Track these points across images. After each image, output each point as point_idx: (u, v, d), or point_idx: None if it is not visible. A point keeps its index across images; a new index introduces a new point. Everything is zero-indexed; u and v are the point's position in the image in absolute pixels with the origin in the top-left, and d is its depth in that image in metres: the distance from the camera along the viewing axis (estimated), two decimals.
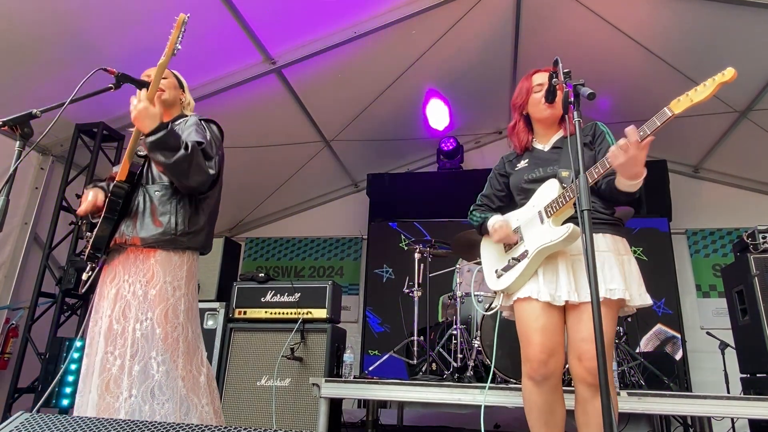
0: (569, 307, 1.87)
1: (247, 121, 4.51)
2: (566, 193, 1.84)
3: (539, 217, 1.93)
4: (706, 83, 1.55)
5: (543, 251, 1.86)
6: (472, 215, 2.22)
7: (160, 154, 1.80)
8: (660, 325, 4.90)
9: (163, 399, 1.74)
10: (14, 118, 1.58)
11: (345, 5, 3.82)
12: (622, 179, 1.72)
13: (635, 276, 1.85)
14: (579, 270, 1.85)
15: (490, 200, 2.22)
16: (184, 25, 1.85)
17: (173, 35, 1.84)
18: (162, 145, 1.79)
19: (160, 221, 1.89)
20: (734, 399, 2.60)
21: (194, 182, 1.89)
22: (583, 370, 1.77)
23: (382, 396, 3.02)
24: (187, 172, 1.85)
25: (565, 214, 1.88)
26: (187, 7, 3.31)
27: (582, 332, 1.79)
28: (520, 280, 1.93)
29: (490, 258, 2.13)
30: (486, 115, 5.81)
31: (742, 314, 3.40)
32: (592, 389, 1.75)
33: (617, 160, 1.64)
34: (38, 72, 3.47)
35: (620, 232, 1.94)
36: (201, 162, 1.89)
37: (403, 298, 5.31)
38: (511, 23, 4.47)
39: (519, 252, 1.95)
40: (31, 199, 4.08)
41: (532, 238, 1.92)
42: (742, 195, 5.49)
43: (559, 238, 1.81)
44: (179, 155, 1.81)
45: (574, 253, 1.88)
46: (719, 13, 3.70)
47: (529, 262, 1.89)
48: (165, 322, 1.82)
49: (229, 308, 3.70)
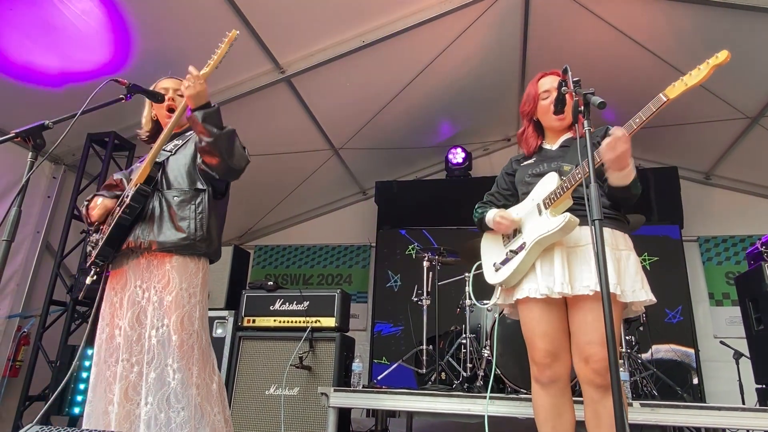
0: (570, 304, 1.85)
1: (256, 129, 4.54)
2: (564, 183, 1.83)
3: (537, 209, 1.92)
4: (700, 67, 1.56)
5: (540, 242, 1.85)
6: (475, 211, 2.22)
7: (210, 125, 1.87)
8: (672, 346, 4.82)
9: (178, 407, 1.74)
10: (27, 129, 1.59)
11: (353, 14, 3.84)
12: (612, 174, 1.74)
13: (631, 272, 1.81)
14: (574, 262, 1.83)
15: (495, 198, 2.22)
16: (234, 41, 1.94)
17: (222, 50, 1.93)
18: (211, 119, 1.87)
19: (180, 226, 1.90)
20: (750, 410, 2.55)
21: (236, 163, 1.95)
22: (590, 371, 1.74)
23: (391, 406, 3.00)
24: (231, 150, 1.92)
25: (563, 205, 1.86)
26: (198, 16, 3.37)
27: (588, 335, 1.76)
28: (517, 273, 1.92)
29: (489, 253, 2.13)
30: (494, 122, 5.80)
31: (757, 323, 3.34)
32: (601, 390, 1.73)
33: (606, 155, 1.67)
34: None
35: (622, 227, 1.92)
36: (239, 146, 1.98)
37: (411, 306, 5.29)
38: (519, 31, 4.47)
39: (517, 244, 1.94)
40: (43, 208, 4.13)
41: (529, 230, 1.92)
42: (754, 201, 5.42)
43: (555, 227, 1.79)
44: (226, 130, 1.90)
45: (571, 244, 1.86)
46: (730, 18, 3.68)
47: (526, 254, 1.88)
48: (181, 329, 1.82)
49: (238, 316, 3.70)
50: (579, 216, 1.81)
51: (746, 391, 3.96)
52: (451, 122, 5.60)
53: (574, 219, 1.78)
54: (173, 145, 2.10)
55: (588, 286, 1.76)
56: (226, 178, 2.01)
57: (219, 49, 1.92)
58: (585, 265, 1.81)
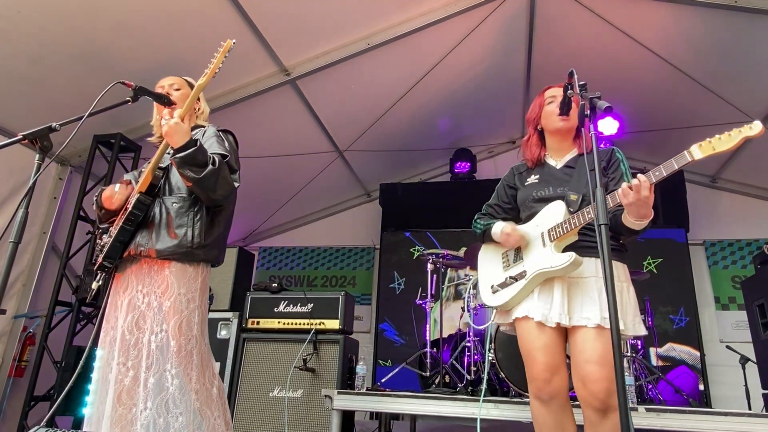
0: (569, 334, 1.85)
1: (261, 131, 4.55)
2: (572, 220, 1.82)
3: (541, 239, 1.91)
4: (731, 133, 1.52)
5: (542, 274, 1.85)
6: (475, 223, 2.20)
7: (189, 169, 1.83)
8: (671, 344, 4.79)
9: (177, 412, 1.75)
10: (34, 132, 1.60)
11: (358, 17, 3.85)
12: (629, 218, 1.71)
13: (632, 305, 1.83)
14: (574, 294, 1.83)
15: (495, 210, 2.20)
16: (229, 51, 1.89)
17: (218, 59, 1.89)
18: (191, 160, 1.83)
19: (176, 233, 1.90)
20: (758, 416, 2.52)
21: (220, 196, 1.93)
22: (587, 394, 1.73)
23: (395, 409, 2.99)
24: (214, 187, 1.89)
25: (567, 240, 1.87)
26: (203, 18, 3.38)
27: (586, 353, 1.75)
28: (515, 300, 1.93)
29: (487, 270, 2.12)
30: (499, 125, 5.80)
31: (764, 328, 3.32)
32: (599, 413, 1.72)
33: (627, 198, 1.63)
34: (59, 84, 3.53)
35: (622, 258, 1.92)
36: (227, 175, 1.94)
37: (415, 309, 5.30)
38: (524, 33, 4.46)
39: (517, 271, 1.95)
40: (49, 209, 4.15)
41: (532, 260, 1.91)
42: (761, 205, 5.39)
43: (560, 265, 1.80)
44: (207, 171, 1.84)
45: (573, 276, 1.86)
46: (738, 22, 3.66)
47: (526, 284, 1.89)
48: (179, 334, 1.83)
49: (243, 318, 3.70)
50: (584, 248, 1.83)
51: (753, 396, 3.93)
52: (456, 125, 5.59)
53: (579, 259, 1.79)
54: None
55: (588, 318, 1.76)
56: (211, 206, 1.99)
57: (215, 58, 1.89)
58: (587, 297, 1.81)
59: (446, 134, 5.70)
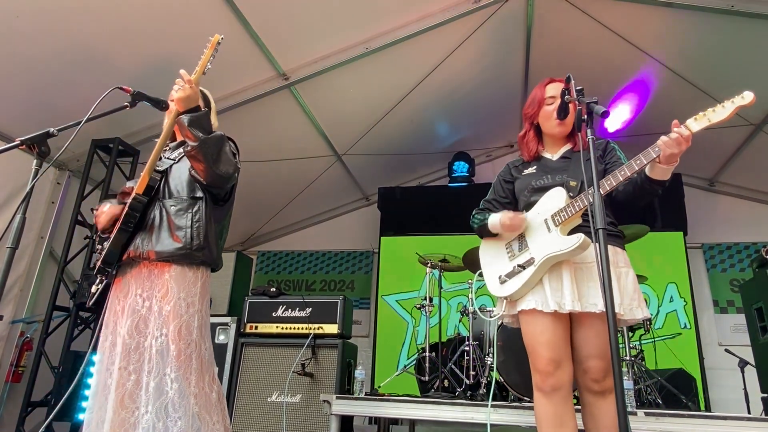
0: (574, 318, 1.87)
1: (259, 135, 4.55)
2: (575, 203, 1.84)
3: (546, 225, 1.92)
4: (724, 104, 1.55)
5: (551, 259, 1.85)
6: (473, 218, 2.20)
7: (196, 129, 1.87)
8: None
9: (176, 416, 1.74)
10: (32, 137, 1.60)
11: (357, 22, 3.86)
12: (661, 166, 1.73)
13: (630, 290, 1.84)
14: (581, 279, 1.85)
15: (492, 206, 2.21)
16: (218, 45, 1.92)
17: (206, 54, 1.91)
18: (198, 123, 1.87)
19: (177, 236, 1.90)
20: (756, 420, 2.52)
21: (222, 170, 1.93)
22: (589, 380, 1.83)
23: (394, 414, 2.99)
24: (217, 156, 1.91)
25: (572, 224, 1.88)
26: (201, 23, 3.39)
27: (589, 348, 1.82)
28: (525, 287, 1.92)
29: (492, 262, 2.11)
30: (497, 128, 5.81)
31: (762, 332, 3.32)
32: (598, 395, 1.81)
33: (671, 149, 1.66)
34: (57, 89, 3.54)
35: (621, 243, 1.94)
36: (229, 152, 1.97)
37: (414, 313, 5.28)
38: (522, 38, 4.48)
39: (524, 259, 1.94)
40: (47, 214, 4.14)
41: (538, 246, 1.91)
42: (759, 208, 5.40)
43: (569, 248, 1.80)
44: (213, 135, 1.91)
45: (577, 261, 1.87)
46: (734, 26, 3.67)
47: (535, 270, 1.88)
48: (179, 338, 1.82)
49: (241, 323, 3.69)
50: (586, 233, 1.83)
51: (752, 400, 3.92)
52: (454, 129, 5.61)
53: (588, 240, 1.80)
54: (177, 153, 2.10)
55: (595, 304, 1.79)
56: (212, 185, 1.98)
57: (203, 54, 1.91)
58: (592, 282, 1.83)
59: (444, 138, 5.72)
